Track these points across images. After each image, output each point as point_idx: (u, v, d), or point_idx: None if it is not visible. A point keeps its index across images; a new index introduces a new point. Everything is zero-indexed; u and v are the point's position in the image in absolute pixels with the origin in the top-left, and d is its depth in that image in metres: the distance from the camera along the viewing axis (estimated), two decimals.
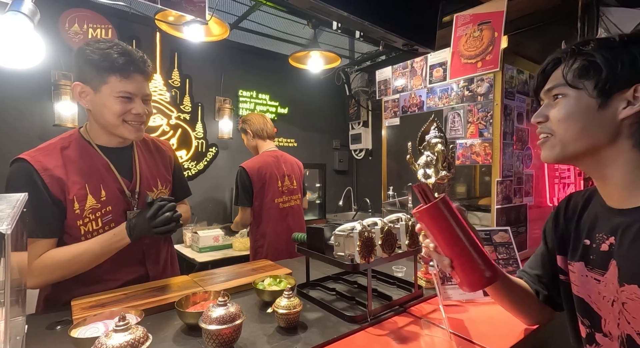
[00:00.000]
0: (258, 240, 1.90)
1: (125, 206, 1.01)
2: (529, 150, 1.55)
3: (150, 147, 1.14)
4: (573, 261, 0.68)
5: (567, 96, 0.60)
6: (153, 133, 2.50)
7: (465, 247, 0.61)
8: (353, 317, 0.88)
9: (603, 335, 0.62)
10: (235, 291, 1.08)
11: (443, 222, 0.61)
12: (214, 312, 0.72)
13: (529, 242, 1.53)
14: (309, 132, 3.56)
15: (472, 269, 0.61)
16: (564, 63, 0.61)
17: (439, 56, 1.59)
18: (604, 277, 0.61)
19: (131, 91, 0.93)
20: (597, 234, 0.64)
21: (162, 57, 2.54)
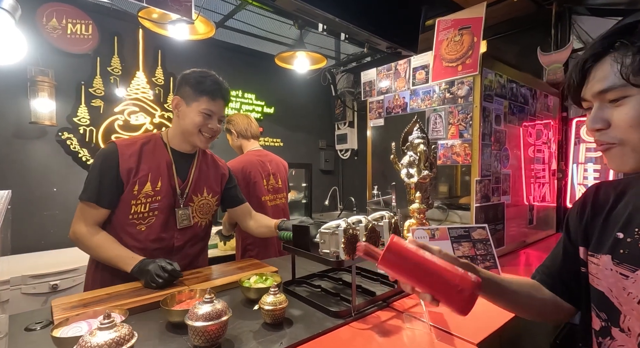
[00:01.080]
0: (247, 239, 1.90)
1: (173, 202, 1.20)
2: (506, 151, 1.61)
3: (209, 161, 1.36)
4: (598, 254, 0.65)
5: (631, 97, 0.52)
6: (136, 131, 2.46)
7: (430, 279, 0.58)
8: (338, 312, 0.90)
9: (620, 330, 0.60)
10: (221, 289, 1.09)
11: (399, 268, 0.59)
12: (200, 309, 0.72)
13: (506, 239, 1.60)
14: (295, 132, 3.57)
15: (450, 295, 0.57)
16: (613, 59, 0.53)
17: (422, 59, 1.64)
18: (635, 274, 0.58)
19: (213, 110, 1.18)
20: (636, 229, 0.60)
21: (145, 54, 2.49)
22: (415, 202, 1.35)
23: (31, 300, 1.73)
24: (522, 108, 1.72)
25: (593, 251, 0.67)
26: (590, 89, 0.56)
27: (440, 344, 0.79)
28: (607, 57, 0.54)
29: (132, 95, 2.44)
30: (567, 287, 0.73)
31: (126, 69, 2.43)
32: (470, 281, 0.56)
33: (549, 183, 2.04)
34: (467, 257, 1.17)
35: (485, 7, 1.40)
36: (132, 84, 2.44)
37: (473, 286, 0.56)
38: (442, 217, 1.75)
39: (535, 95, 1.84)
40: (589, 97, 0.58)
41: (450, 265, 0.59)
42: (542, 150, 1.96)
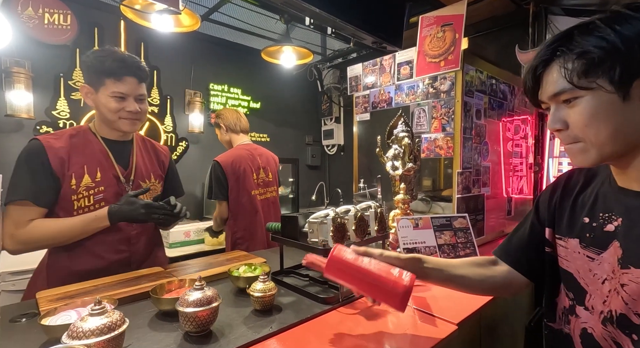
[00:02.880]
0: (236, 233, 1.91)
1: (118, 190, 1.14)
2: (486, 145, 1.68)
3: (148, 147, 1.30)
4: (567, 237, 0.69)
5: (581, 98, 0.56)
6: None
7: (368, 285, 0.67)
8: (325, 299, 0.93)
9: (584, 309, 0.65)
10: (210, 280, 1.10)
11: (342, 276, 0.70)
12: (190, 296, 0.73)
13: (486, 229, 1.67)
14: (282, 127, 3.57)
15: (386, 297, 0.66)
16: (559, 64, 0.57)
17: (406, 55, 1.68)
18: (600, 256, 0.62)
19: (124, 91, 1.08)
20: (600, 213, 0.64)
21: (127, 46, 2.43)
22: (400, 193, 1.39)
23: (11, 298, 1.68)
24: (501, 103, 1.79)
25: (561, 234, 0.71)
26: (545, 92, 0.61)
27: (423, 325, 0.83)
28: (554, 62, 0.58)
29: None
30: (528, 262, 0.77)
31: None
32: (402, 285, 0.65)
33: (526, 176, 2.13)
34: (448, 245, 1.22)
35: (466, 4, 1.44)
36: None
37: (404, 289, 0.65)
38: (425, 208, 1.81)
39: (513, 91, 1.91)
40: (545, 100, 0.62)
41: (387, 269, 0.68)
42: (520, 144, 2.05)
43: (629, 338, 0.58)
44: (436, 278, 0.74)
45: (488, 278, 0.78)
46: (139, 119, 1.15)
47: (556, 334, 0.74)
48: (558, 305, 0.74)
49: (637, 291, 0.56)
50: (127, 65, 1.08)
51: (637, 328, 0.57)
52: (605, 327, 0.61)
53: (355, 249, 0.71)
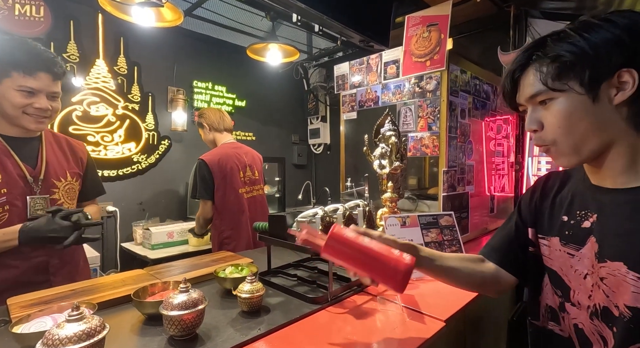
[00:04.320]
0: (223, 232, 1.87)
1: (26, 191, 1.04)
2: (470, 144, 1.71)
3: (62, 143, 1.20)
4: (548, 236, 0.71)
5: (555, 100, 0.59)
6: (97, 123, 2.31)
7: (369, 263, 0.64)
8: (314, 298, 0.92)
9: (571, 305, 0.66)
10: (195, 282, 1.07)
11: (341, 255, 0.66)
12: (175, 299, 0.71)
13: (470, 226, 1.70)
14: (268, 126, 3.53)
15: (386, 276, 0.63)
16: (535, 68, 0.60)
17: (393, 54, 1.69)
18: (579, 252, 0.64)
19: (34, 87, 1.00)
20: (577, 211, 0.66)
21: (106, 41, 2.34)
22: (387, 191, 1.40)
23: None
24: (484, 103, 1.83)
25: (543, 234, 0.73)
26: (522, 94, 0.64)
27: (412, 322, 0.83)
28: (530, 67, 0.62)
29: (92, 85, 2.28)
30: (514, 260, 0.79)
31: (84, 56, 2.27)
32: (404, 263, 0.63)
33: (507, 174, 2.19)
34: (435, 242, 1.23)
35: (451, 5, 1.46)
36: (91, 73, 2.28)
37: (406, 267, 0.62)
38: (412, 207, 1.83)
39: (496, 91, 1.96)
40: (523, 102, 0.65)
41: (387, 248, 0.66)
42: (502, 143, 2.10)
43: (611, 331, 0.59)
44: (428, 267, 0.74)
45: (477, 273, 0.79)
46: (48, 117, 1.07)
47: (540, 332, 0.76)
48: (541, 303, 0.76)
49: (615, 283, 0.58)
50: (42, 60, 1.00)
51: (616, 321, 0.58)
52: (592, 321, 0.63)
53: (354, 228, 0.70)
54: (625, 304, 0.57)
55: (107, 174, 2.37)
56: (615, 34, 0.55)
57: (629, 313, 0.56)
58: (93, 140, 2.29)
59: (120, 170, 2.44)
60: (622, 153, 0.59)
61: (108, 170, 2.38)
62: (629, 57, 0.55)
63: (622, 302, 0.57)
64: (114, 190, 2.42)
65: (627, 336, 0.57)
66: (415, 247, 0.74)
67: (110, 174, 2.39)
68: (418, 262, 0.72)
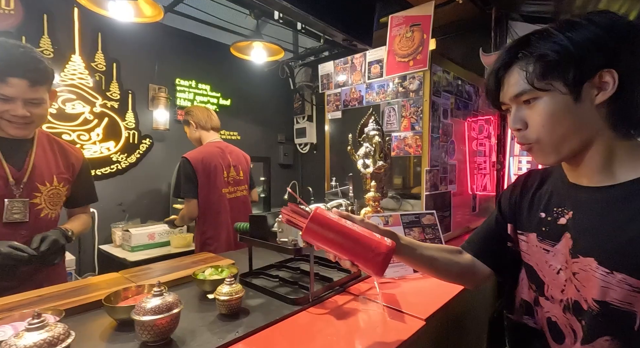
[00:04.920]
0: (206, 232, 1.83)
1: (5, 193, 1.02)
2: (452, 144, 1.73)
3: (55, 147, 1.18)
4: (526, 232, 0.73)
5: (539, 99, 0.60)
6: (73, 121, 2.22)
7: (350, 246, 0.63)
8: (295, 299, 0.91)
9: (545, 299, 0.68)
10: (174, 284, 1.04)
11: (323, 237, 0.64)
12: (148, 303, 0.68)
13: (452, 225, 1.73)
14: (253, 125, 3.49)
15: (367, 259, 0.63)
16: (519, 67, 0.60)
17: (376, 54, 1.69)
18: (554, 248, 0.66)
19: (7, 94, 0.95)
20: (554, 208, 0.68)
21: (82, 36, 2.25)
22: (371, 191, 1.40)
23: None
24: (466, 104, 1.86)
25: (522, 230, 0.75)
26: (506, 93, 0.64)
27: (392, 322, 0.83)
28: (515, 65, 0.62)
29: (68, 81, 2.20)
30: (490, 252, 0.81)
31: (59, 51, 2.18)
32: (385, 245, 0.63)
33: (489, 174, 2.23)
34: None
35: (433, 5, 1.47)
36: (66, 69, 2.20)
37: (387, 249, 0.62)
38: (395, 206, 1.84)
39: (478, 92, 1.99)
40: (507, 101, 0.65)
41: (369, 232, 0.65)
42: (484, 143, 2.14)
43: (580, 324, 0.61)
44: (408, 255, 0.74)
45: (455, 264, 0.80)
46: (30, 123, 1.02)
47: (515, 325, 0.78)
48: (516, 297, 0.78)
49: (585, 278, 0.60)
50: (16, 65, 0.95)
51: (585, 314, 0.60)
52: (565, 314, 0.65)
53: (337, 212, 0.69)
54: (593, 298, 0.58)
55: None
56: (597, 34, 0.56)
57: (596, 306, 0.58)
58: (68, 139, 2.20)
59: (98, 170, 2.35)
60: (599, 152, 0.60)
61: None
62: (610, 58, 0.56)
63: (591, 297, 0.59)
64: None
65: (594, 329, 0.58)
66: (395, 234, 0.73)
67: None
68: (398, 249, 0.71)
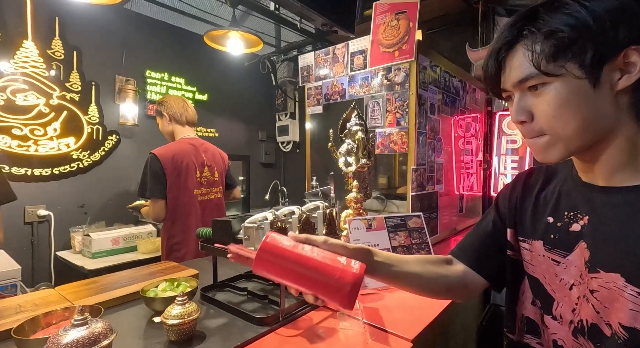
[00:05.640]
0: (174, 237, 1.66)
1: None
2: (440, 141, 1.64)
3: None
4: (530, 239, 0.63)
5: (549, 85, 0.49)
6: (25, 114, 2.00)
7: (309, 277, 0.52)
8: (263, 319, 0.78)
9: (552, 318, 0.58)
10: (121, 302, 0.88)
11: (277, 269, 0.53)
12: (65, 337, 0.53)
13: (439, 227, 1.63)
14: (232, 122, 3.32)
15: (331, 291, 0.51)
16: (524, 47, 0.50)
17: (360, 44, 1.58)
18: (566, 259, 0.56)
19: None
20: (564, 212, 0.58)
21: (36, 20, 2.01)
22: (353, 191, 1.28)
23: None
24: (454, 99, 1.77)
25: (525, 236, 0.64)
26: (509, 78, 0.54)
27: (375, 344, 0.71)
28: (519, 45, 0.51)
29: (19, 70, 1.97)
30: (487, 261, 0.70)
31: (8, 36, 1.95)
32: (351, 273, 0.51)
33: (476, 173, 2.16)
34: (403, 246, 1.13)
35: None
36: (17, 56, 1.97)
37: (354, 278, 0.51)
38: (380, 207, 1.73)
39: (465, 87, 1.91)
40: (508, 87, 0.54)
41: (332, 257, 0.53)
42: (470, 142, 2.06)
43: None
44: (385, 274, 0.61)
45: (442, 277, 0.68)
46: None
47: (516, 346, 0.67)
48: (517, 313, 0.67)
49: (608, 297, 0.49)
50: None
51: (607, 341, 0.50)
52: (577, 338, 0.54)
53: (293, 236, 0.56)
54: (620, 323, 0.48)
55: (37, 172, 2.06)
56: (622, 3, 0.45)
57: (624, 334, 0.47)
58: (20, 133, 1.97)
59: (55, 168, 2.13)
60: (619, 147, 0.50)
61: (39, 168, 2.07)
62: (638, 33, 0.45)
63: (617, 321, 0.48)
64: (47, 191, 2.12)
65: None
66: (369, 251, 0.60)
67: (43, 173, 2.08)
68: (373, 268, 0.59)
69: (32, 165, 2.04)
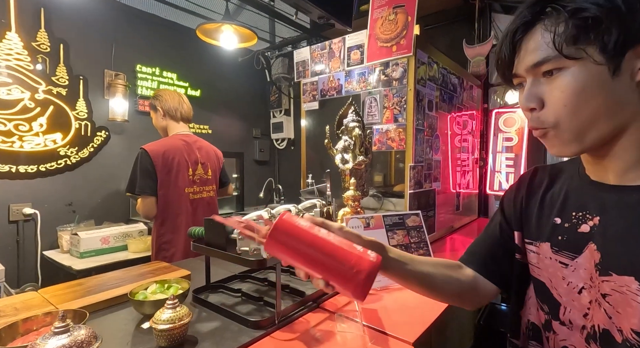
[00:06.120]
0: (163, 236, 1.62)
1: None
2: (437, 138, 1.62)
3: None
4: (537, 241, 0.60)
5: (565, 70, 0.46)
6: (9, 109, 1.92)
7: (323, 260, 0.49)
8: (258, 322, 0.74)
9: (561, 324, 0.56)
10: (108, 305, 0.84)
11: (289, 250, 0.51)
12: (44, 345, 0.50)
13: (437, 225, 1.61)
14: (226, 119, 3.26)
15: (345, 278, 0.49)
16: (544, 28, 0.47)
17: (357, 38, 1.54)
18: (574, 262, 0.53)
19: None
20: (572, 212, 0.55)
21: (19, 11, 1.93)
22: (350, 189, 1.25)
23: None
24: (451, 96, 1.75)
25: (531, 239, 0.62)
26: (522, 62, 0.50)
27: (375, 347, 0.68)
28: (538, 25, 0.48)
29: (2, 63, 1.90)
30: (496, 266, 0.67)
31: None
32: (368, 260, 0.48)
33: (472, 171, 2.15)
34: (401, 245, 1.10)
35: None
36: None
37: (370, 267, 0.48)
38: (377, 205, 1.71)
39: (462, 84, 1.89)
40: (521, 72, 0.51)
41: (349, 243, 0.51)
42: (467, 139, 2.05)
43: None
44: (398, 271, 0.60)
45: (454, 280, 0.66)
46: None
47: None
48: (522, 319, 0.65)
49: (621, 302, 0.47)
50: None
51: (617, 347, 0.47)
52: (589, 345, 0.52)
53: (309, 218, 0.54)
54: (632, 329, 0.46)
55: (23, 169, 1.99)
56: None
57: (636, 339, 0.45)
58: (4, 129, 1.90)
59: (42, 165, 2.06)
60: (634, 142, 0.48)
61: (24, 165, 1.99)
62: None
63: (628, 326, 0.46)
64: (33, 188, 2.05)
65: None
66: (382, 246, 0.58)
67: (29, 170, 2.01)
68: (386, 264, 0.57)
69: (17, 162, 1.97)
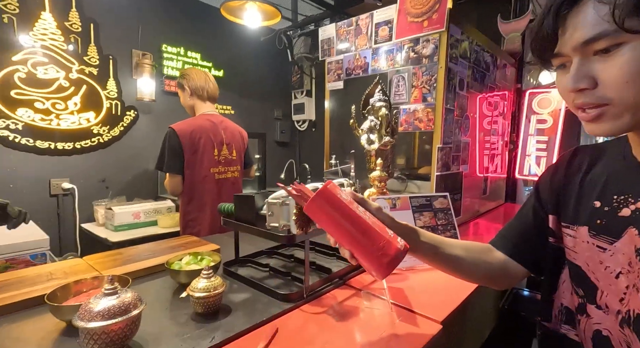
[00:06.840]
0: (190, 213, 1.68)
1: None
2: (467, 119, 1.56)
3: None
4: (575, 225, 0.59)
5: (625, 45, 0.42)
6: (47, 87, 2.01)
7: (355, 236, 0.53)
8: (287, 295, 0.77)
9: (596, 307, 0.55)
10: (146, 273, 0.90)
11: (326, 217, 0.54)
12: (97, 305, 0.53)
13: (462, 209, 1.58)
14: (248, 99, 3.27)
15: (372, 256, 0.53)
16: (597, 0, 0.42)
17: (385, 14, 1.48)
18: (613, 246, 0.52)
19: None
20: (614, 196, 0.53)
21: None
22: (376, 169, 1.24)
23: None
24: (483, 75, 1.67)
25: (568, 222, 0.60)
26: (570, 40, 0.45)
27: (403, 324, 0.69)
28: None
29: (38, 42, 1.96)
30: (527, 250, 0.68)
31: (26, 7, 1.93)
32: (396, 247, 0.53)
33: (501, 154, 2.07)
34: (428, 227, 1.09)
35: None
36: (35, 28, 1.95)
37: (396, 253, 0.52)
38: (400, 187, 1.69)
39: (496, 62, 1.79)
40: (567, 51, 0.46)
41: (382, 226, 0.55)
42: (497, 121, 1.96)
43: None
44: (428, 254, 0.63)
45: (483, 263, 0.68)
46: None
47: (550, 335, 0.65)
48: (555, 302, 0.64)
49: None
50: None
51: None
52: (622, 329, 0.51)
53: (352, 193, 0.58)
54: None
55: (60, 146, 2.10)
56: None
57: None
58: (42, 107, 1.99)
59: (77, 142, 2.16)
60: None
61: (62, 142, 2.10)
62: None
63: None
64: (70, 165, 2.16)
65: None
66: (415, 230, 0.62)
67: (66, 147, 2.12)
68: (418, 247, 0.62)
69: (55, 139, 2.07)
